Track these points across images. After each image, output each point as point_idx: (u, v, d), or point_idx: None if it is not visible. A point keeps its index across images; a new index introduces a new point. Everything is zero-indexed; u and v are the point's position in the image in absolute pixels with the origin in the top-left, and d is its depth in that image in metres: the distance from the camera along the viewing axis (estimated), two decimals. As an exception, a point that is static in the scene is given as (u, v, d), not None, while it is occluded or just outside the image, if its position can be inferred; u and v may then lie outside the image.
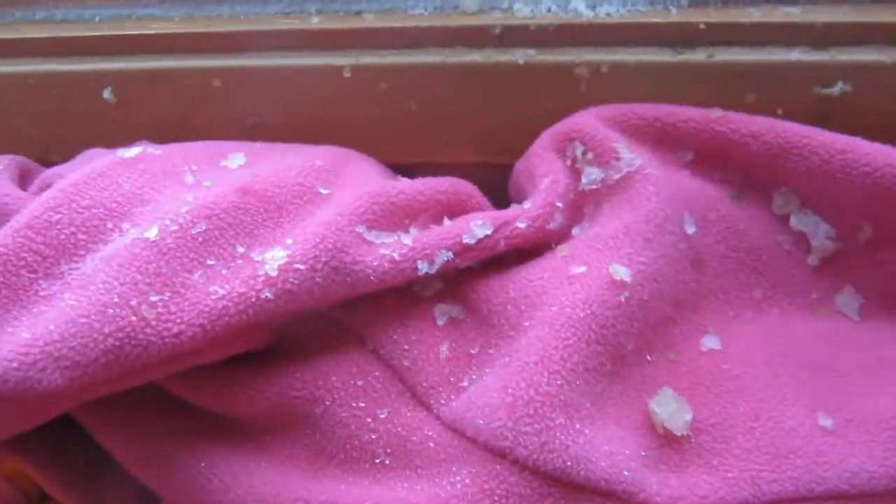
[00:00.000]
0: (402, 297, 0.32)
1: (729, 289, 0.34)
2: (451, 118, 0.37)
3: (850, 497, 0.28)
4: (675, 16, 0.34)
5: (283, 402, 0.30)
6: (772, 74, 0.34)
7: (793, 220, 0.34)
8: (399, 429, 0.30)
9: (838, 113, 0.34)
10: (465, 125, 0.37)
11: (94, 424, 0.33)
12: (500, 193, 0.37)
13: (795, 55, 0.34)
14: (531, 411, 0.27)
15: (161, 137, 0.38)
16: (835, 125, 0.34)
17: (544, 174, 0.33)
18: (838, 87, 0.34)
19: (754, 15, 0.34)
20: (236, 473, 0.30)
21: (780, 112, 0.35)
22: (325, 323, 0.32)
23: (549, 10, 0.35)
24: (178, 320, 0.28)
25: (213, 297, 0.28)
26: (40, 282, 0.29)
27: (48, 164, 0.39)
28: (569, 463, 0.26)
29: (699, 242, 0.33)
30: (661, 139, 0.35)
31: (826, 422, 0.29)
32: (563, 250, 0.32)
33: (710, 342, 0.32)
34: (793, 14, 0.34)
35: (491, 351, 0.30)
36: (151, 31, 0.37)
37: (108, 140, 0.39)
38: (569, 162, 0.34)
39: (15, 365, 0.26)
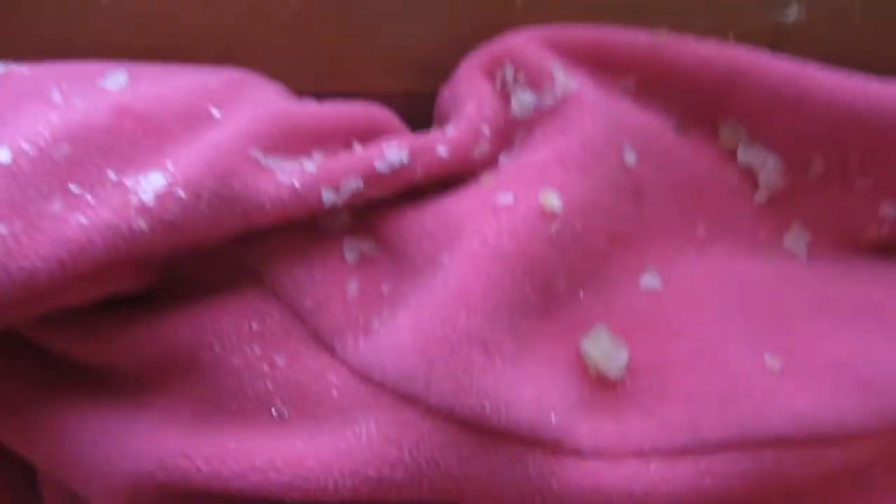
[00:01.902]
0: (306, 230, 0.28)
1: (671, 224, 0.31)
2: (368, 38, 0.33)
3: (795, 442, 0.25)
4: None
5: (163, 350, 0.26)
6: (722, -5, 0.31)
7: (740, 154, 0.32)
8: (299, 376, 0.26)
9: (791, 39, 0.32)
10: (385, 46, 0.33)
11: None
12: (426, 127, 0.34)
13: (748, -27, 0.31)
14: (446, 351, 0.23)
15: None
16: (788, 52, 0.31)
17: (469, 96, 0.30)
18: (794, 11, 0.31)
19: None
20: (111, 432, 0.26)
21: (731, 36, 0.32)
22: (214, 260, 0.28)
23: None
24: (31, 255, 0.23)
25: (75, 228, 0.24)
26: None
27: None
28: (487, 407, 0.23)
29: (640, 174, 0.30)
30: (601, 64, 0.31)
31: (774, 363, 0.27)
32: (488, 181, 0.28)
33: (649, 281, 0.29)
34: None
35: (404, 288, 0.27)
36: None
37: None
38: (499, 86, 0.31)
39: None
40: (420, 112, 0.33)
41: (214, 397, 0.26)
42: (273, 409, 0.26)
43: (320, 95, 0.34)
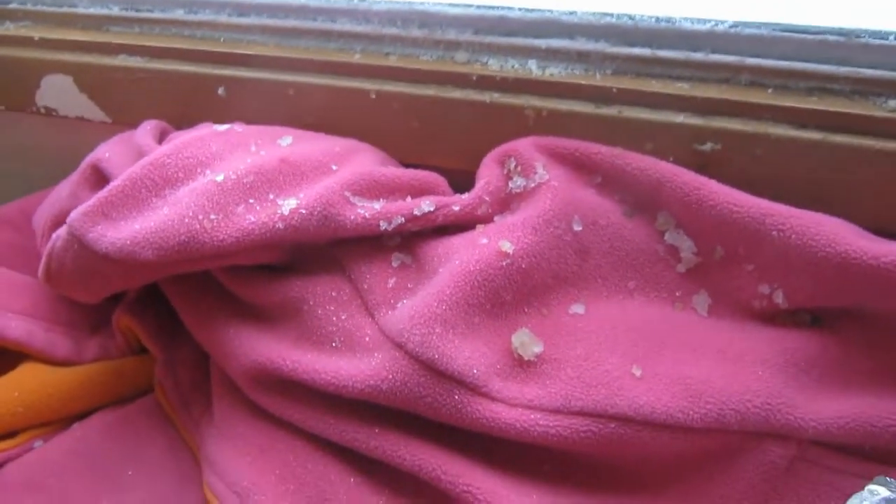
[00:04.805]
0: (373, 242, 0.47)
1: (608, 276, 0.47)
2: (440, 135, 0.52)
3: (632, 422, 0.40)
4: (598, 80, 0.48)
5: (284, 298, 0.47)
6: (664, 130, 0.47)
7: (667, 236, 0.47)
8: (350, 326, 0.45)
9: (710, 164, 0.46)
10: (450, 141, 0.52)
11: (174, 297, 0.52)
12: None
13: (681, 118, 0.46)
14: (421, 321, 0.41)
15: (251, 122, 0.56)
16: (708, 173, 0.46)
17: (483, 177, 0.48)
18: (709, 146, 0.46)
19: (655, 86, 0.47)
20: (249, 340, 0.47)
21: (671, 158, 0.47)
22: (320, 251, 0.48)
23: (512, 67, 0.50)
24: (224, 233, 0.45)
25: (247, 222, 0.45)
26: (153, 199, 0.47)
27: (179, 128, 0.59)
28: (436, 356, 0.40)
29: (585, 238, 0.46)
30: (578, 165, 0.48)
31: (637, 371, 0.42)
32: (479, 228, 0.46)
33: (576, 308, 0.45)
34: (683, 88, 0.47)
35: (419, 286, 0.45)
36: (252, 52, 0.56)
37: (218, 120, 0.57)
38: (505, 171, 0.48)
39: (129, 243, 0.44)
40: (467, 180, 0.52)
41: (304, 330, 0.46)
42: (333, 342, 0.45)
43: (409, 164, 0.54)
